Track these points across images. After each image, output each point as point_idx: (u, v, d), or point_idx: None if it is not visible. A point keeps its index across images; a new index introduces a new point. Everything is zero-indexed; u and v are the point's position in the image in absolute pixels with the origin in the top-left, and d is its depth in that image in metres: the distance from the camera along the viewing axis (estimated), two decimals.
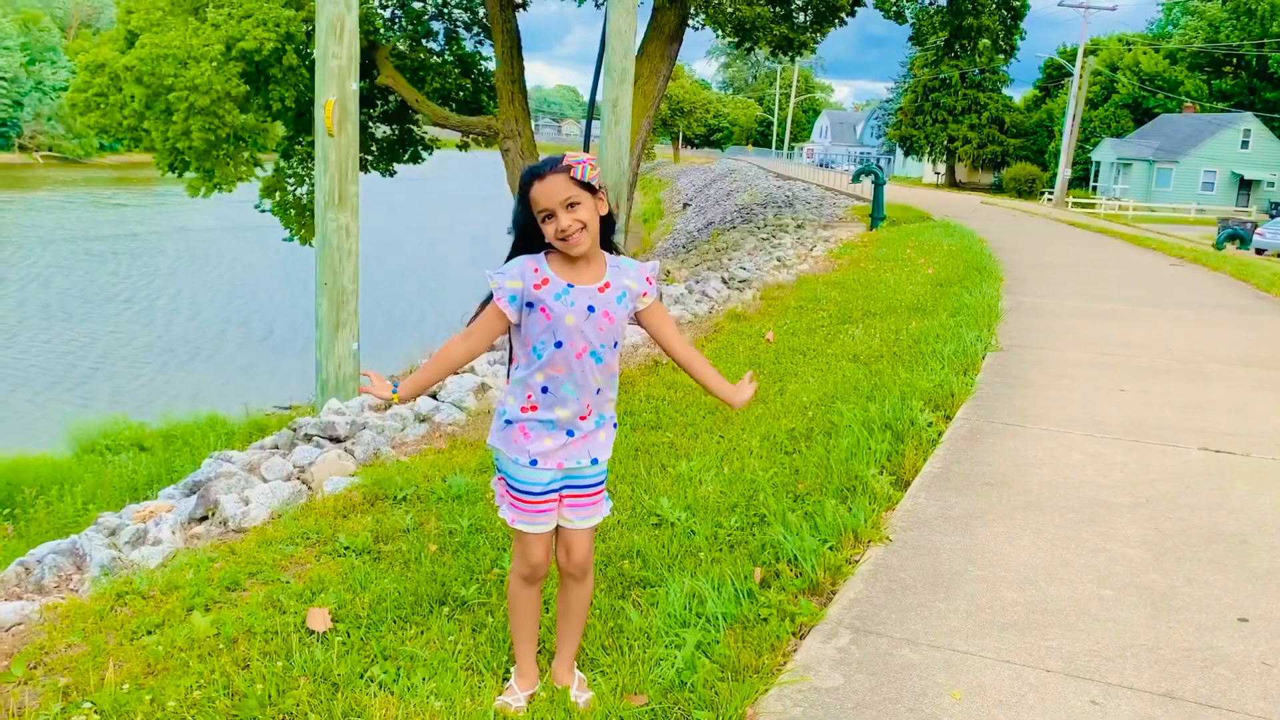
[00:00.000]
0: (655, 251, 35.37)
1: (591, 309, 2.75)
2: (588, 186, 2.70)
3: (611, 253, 2.86)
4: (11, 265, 34.35)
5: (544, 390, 2.80)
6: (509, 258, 2.84)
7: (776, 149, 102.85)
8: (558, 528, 2.94)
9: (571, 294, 2.74)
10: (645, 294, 2.88)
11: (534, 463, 2.84)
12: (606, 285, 2.78)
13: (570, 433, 2.85)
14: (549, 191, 2.67)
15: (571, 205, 2.67)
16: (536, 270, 2.75)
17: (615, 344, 2.85)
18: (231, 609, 3.58)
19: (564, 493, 2.90)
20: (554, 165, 2.70)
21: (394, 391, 2.83)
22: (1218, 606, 3.72)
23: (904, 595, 3.71)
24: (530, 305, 2.75)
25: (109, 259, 36.77)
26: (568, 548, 2.95)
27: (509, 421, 2.86)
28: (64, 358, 22.89)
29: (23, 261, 35.18)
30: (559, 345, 2.75)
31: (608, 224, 2.82)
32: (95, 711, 2.89)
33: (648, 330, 2.99)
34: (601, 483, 2.97)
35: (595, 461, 2.92)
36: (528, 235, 2.79)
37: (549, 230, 2.70)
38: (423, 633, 3.36)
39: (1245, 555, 4.22)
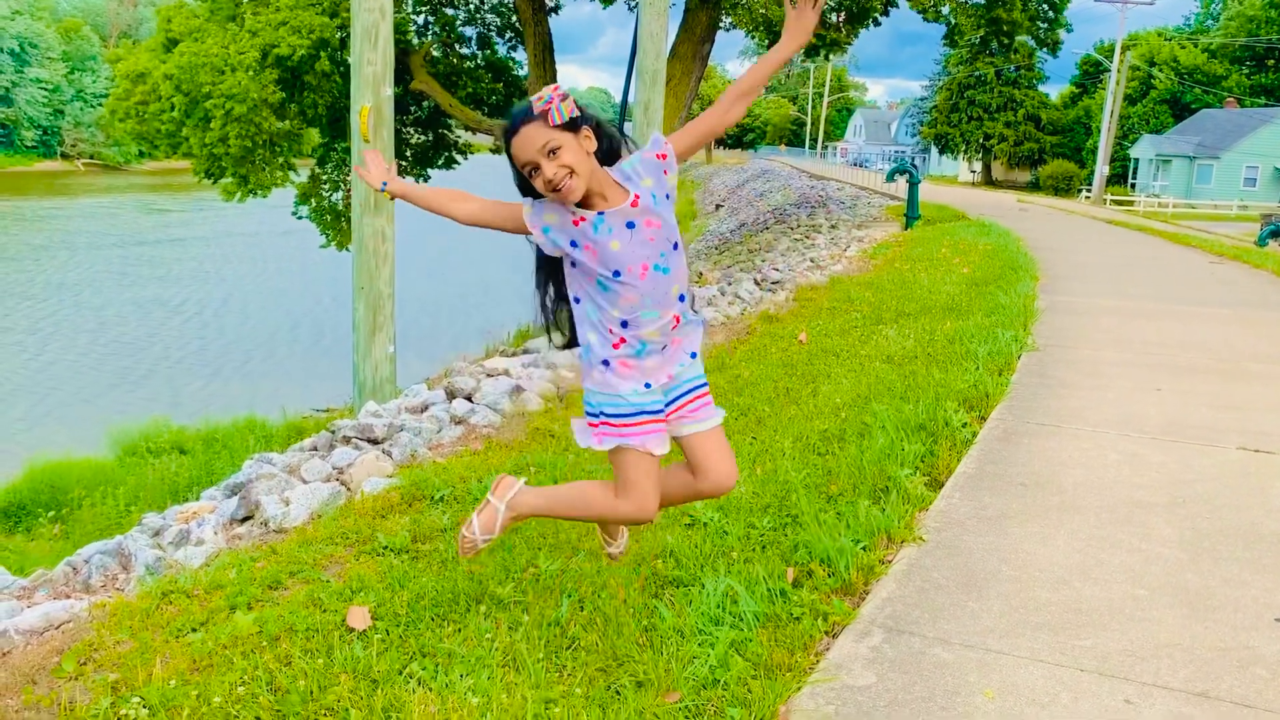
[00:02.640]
0: (688, 253, 35.33)
1: (631, 225, 2.65)
2: (568, 126, 2.59)
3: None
4: (60, 271, 35.02)
5: (624, 325, 2.71)
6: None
7: (810, 149, 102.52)
8: (694, 455, 2.84)
9: (606, 220, 2.65)
10: (666, 171, 2.70)
11: (648, 385, 2.75)
12: (636, 199, 2.66)
13: (664, 347, 2.78)
14: (525, 144, 2.57)
15: (552, 152, 2.56)
16: (572, 211, 2.67)
17: (675, 244, 2.73)
18: (273, 607, 3.65)
19: (676, 404, 2.82)
20: (525, 115, 2.60)
21: (384, 189, 2.78)
22: (1255, 607, 3.70)
23: (937, 595, 3.72)
24: (575, 244, 2.67)
25: (153, 264, 37.41)
26: (714, 462, 2.83)
27: (606, 363, 2.75)
28: (107, 361, 23.30)
29: (73, 268, 35.87)
30: (618, 275, 2.66)
31: (610, 153, 2.73)
32: (144, 706, 2.97)
33: (696, 143, 2.82)
34: (705, 381, 2.88)
35: (694, 355, 2.84)
36: (528, 188, 2.71)
37: (539, 184, 2.60)
38: (460, 630, 3.42)
39: None
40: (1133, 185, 59.50)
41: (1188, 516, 4.61)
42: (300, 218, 25.78)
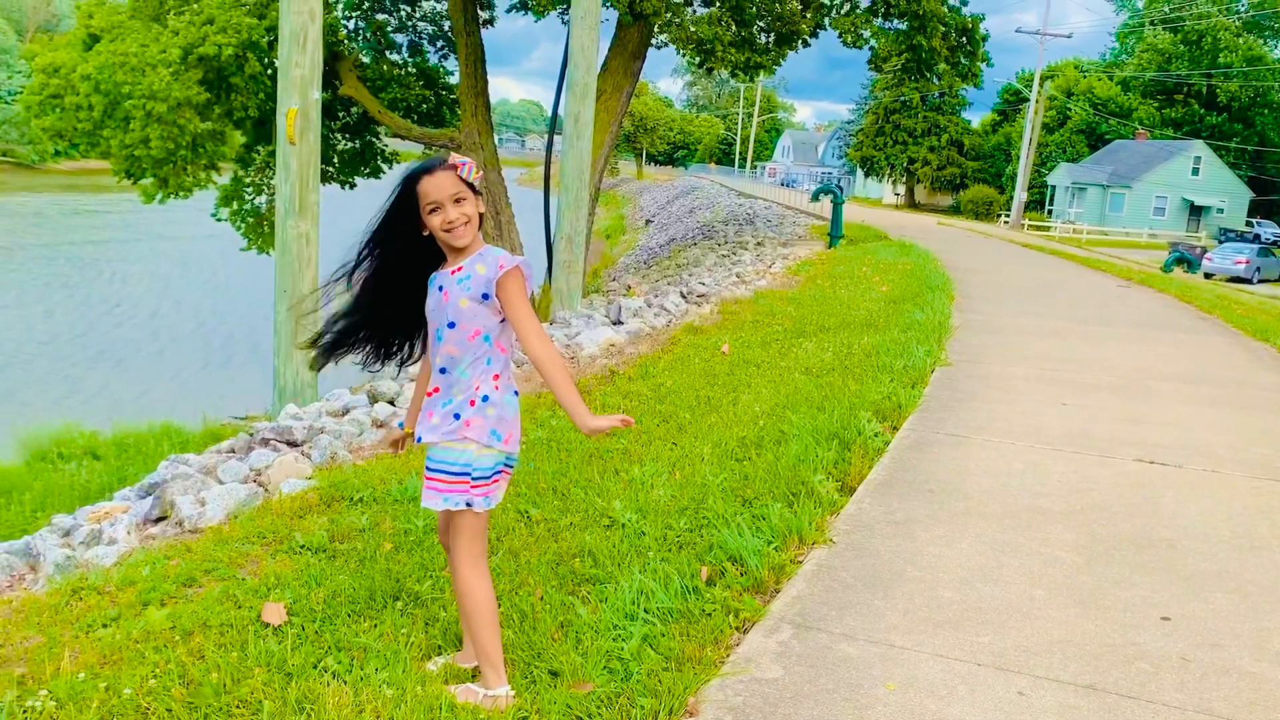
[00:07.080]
0: (617, 267, 35.53)
1: (442, 289, 2.95)
2: (471, 186, 2.90)
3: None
4: None
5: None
6: (359, 260, 3.05)
7: (740, 167, 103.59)
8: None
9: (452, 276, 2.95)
10: (494, 280, 2.90)
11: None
12: (459, 269, 2.94)
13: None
14: (439, 185, 2.87)
15: (458, 200, 2.87)
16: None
17: (451, 324, 2.94)
18: (187, 603, 3.63)
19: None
20: (443, 163, 2.91)
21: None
22: (1143, 606, 3.90)
23: (844, 594, 3.85)
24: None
25: (74, 265, 36.25)
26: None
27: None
28: (15, 362, 22.54)
29: None
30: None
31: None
32: (51, 699, 2.93)
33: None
34: None
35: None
36: (392, 235, 2.99)
37: (435, 221, 2.88)
38: (376, 626, 3.44)
39: (1172, 559, 4.41)
40: (1049, 211, 61.27)
41: (1085, 523, 4.83)
42: (220, 220, 25.26)
